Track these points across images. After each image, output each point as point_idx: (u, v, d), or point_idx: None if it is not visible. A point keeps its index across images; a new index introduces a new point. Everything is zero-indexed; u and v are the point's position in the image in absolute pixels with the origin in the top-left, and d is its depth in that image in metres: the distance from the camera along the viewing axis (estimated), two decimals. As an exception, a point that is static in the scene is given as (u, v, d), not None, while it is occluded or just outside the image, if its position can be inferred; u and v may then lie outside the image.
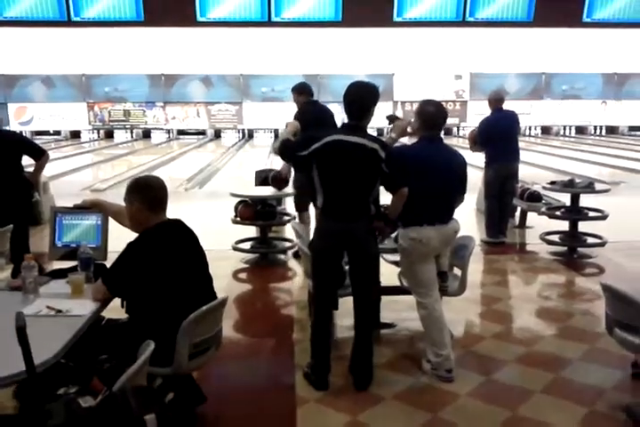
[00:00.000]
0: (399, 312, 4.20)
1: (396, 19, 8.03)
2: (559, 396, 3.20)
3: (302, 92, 5.64)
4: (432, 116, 3.27)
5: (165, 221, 2.65)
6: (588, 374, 3.45)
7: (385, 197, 3.24)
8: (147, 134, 21.26)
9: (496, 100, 6.30)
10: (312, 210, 5.63)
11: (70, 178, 12.07)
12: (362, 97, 3.09)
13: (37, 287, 2.63)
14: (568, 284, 5.39)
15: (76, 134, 21.24)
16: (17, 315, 1.69)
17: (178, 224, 2.68)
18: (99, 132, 21.36)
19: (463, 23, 8.07)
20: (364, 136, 3.07)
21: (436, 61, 18.96)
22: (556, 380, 3.39)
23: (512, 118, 6.40)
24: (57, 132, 21.35)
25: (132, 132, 21.29)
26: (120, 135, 21.19)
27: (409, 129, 3.49)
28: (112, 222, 3.14)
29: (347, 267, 3.33)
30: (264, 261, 5.81)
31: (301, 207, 5.61)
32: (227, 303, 2.77)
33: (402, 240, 3.33)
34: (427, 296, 3.37)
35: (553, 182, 6.01)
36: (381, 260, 3.63)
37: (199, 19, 8.14)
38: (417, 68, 19.36)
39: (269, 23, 8.08)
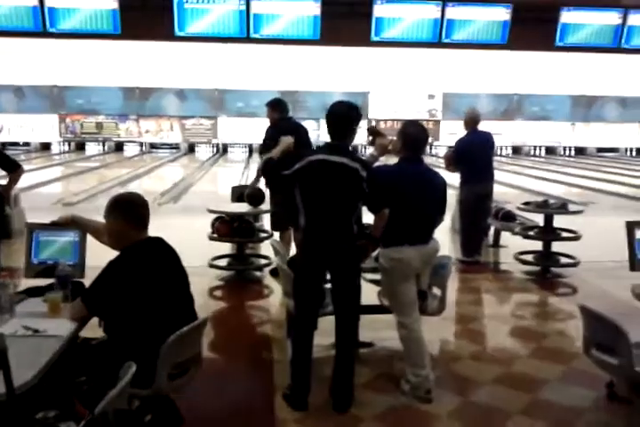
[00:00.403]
0: (377, 331, 4.18)
1: (373, 38, 8.15)
2: (538, 417, 3.22)
3: (276, 107, 5.63)
4: (415, 137, 3.30)
5: (147, 238, 2.62)
6: (566, 395, 3.48)
7: (368, 216, 3.25)
8: (119, 147, 21.02)
9: (472, 121, 6.35)
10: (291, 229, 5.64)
11: (41, 191, 11.84)
12: (344, 117, 3.11)
13: (13, 306, 2.56)
14: (542, 304, 5.45)
15: (46, 146, 20.90)
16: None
17: (159, 242, 2.64)
18: (70, 145, 21.06)
19: (439, 44, 8.22)
20: (346, 155, 3.08)
21: (410, 80, 19.21)
22: (534, 401, 3.41)
23: (487, 139, 6.47)
24: (26, 144, 20.97)
25: (104, 145, 21.04)
26: (92, 148, 20.92)
27: (390, 147, 3.51)
28: (89, 239, 3.09)
29: (326, 286, 3.32)
30: (240, 278, 5.75)
31: (278, 228, 5.59)
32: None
33: (383, 260, 3.33)
34: (407, 316, 3.37)
35: (527, 203, 6.10)
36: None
37: (177, 33, 8.16)
38: (391, 86, 19.58)
39: (248, 39, 8.14)
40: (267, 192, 5.74)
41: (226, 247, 6.18)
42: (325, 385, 3.28)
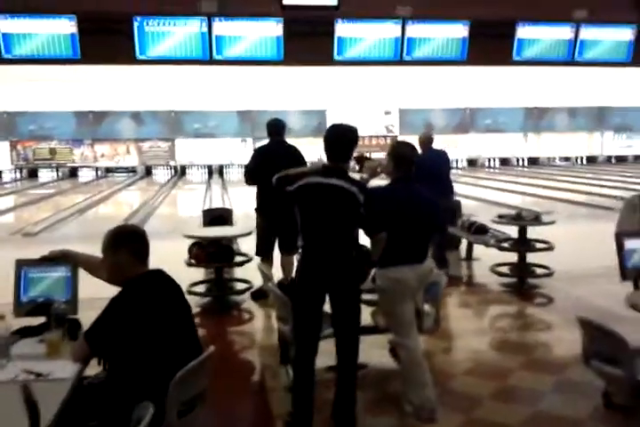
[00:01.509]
0: (367, 351, 4.15)
1: (336, 57, 8.21)
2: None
3: (268, 132, 5.59)
4: (406, 156, 3.32)
5: (148, 271, 2.53)
6: (564, 406, 3.52)
7: (364, 237, 3.23)
8: (73, 173, 20.58)
9: (427, 140, 6.51)
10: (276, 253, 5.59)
11: (-4, 220, 11.47)
12: (341, 139, 3.11)
13: (9, 349, 2.43)
14: (523, 315, 5.52)
15: (-4, 174, 20.31)
16: (22, 388, 1.54)
17: (161, 275, 2.55)
18: (22, 172, 20.49)
19: (401, 62, 8.35)
20: (344, 178, 3.07)
21: (366, 97, 19.47)
22: (535, 414, 3.43)
23: (442, 157, 6.66)
24: (-25, 173, 20.33)
25: (57, 171, 20.55)
26: (45, 174, 20.42)
27: (378, 169, 3.53)
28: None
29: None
30: (219, 303, 5.64)
31: (262, 253, 5.53)
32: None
33: (380, 281, 3.32)
34: (406, 336, 3.36)
35: (501, 216, 6.20)
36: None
37: (139, 57, 8.04)
38: (348, 103, 19.81)
39: (211, 61, 8.08)
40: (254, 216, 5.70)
41: (199, 272, 6.05)
42: (326, 409, 3.22)
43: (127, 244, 2.49)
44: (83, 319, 2.74)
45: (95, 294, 3.07)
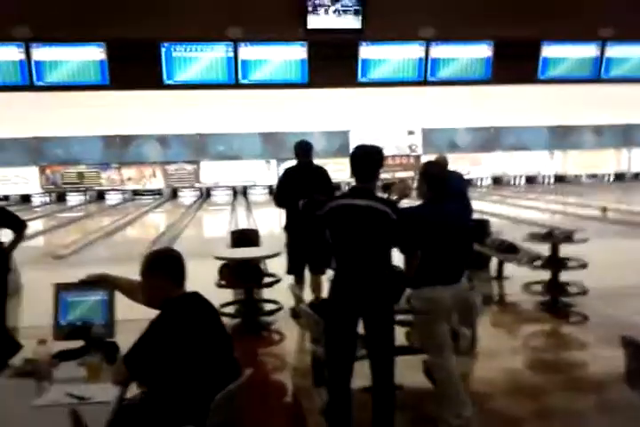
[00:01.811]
0: (401, 372, 4.10)
1: (360, 79, 8.29)
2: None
3: (296, 153, 5.64)
4: (438, 176, 3.32)
5: (185, 294, 2.54)
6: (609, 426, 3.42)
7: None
8: (101, 196, 20.88)
9: (443, 163, 6.54)
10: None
11: (26, 244, 11.63)
12: (368, 160, 3.12)
13: (51, 372, 2.45)
14: (558, 334, 5.42)
15: (25, 198, 20.67)
16: (71, 412, 1.55)
17: (197, 297, 2.56)
18: (50, 196, 20.87)
19: (425, 83, 8.38)
20: (374, 199, 3.07)
21: (389, 117, 19.54)
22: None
23: (459, 179, 6.68)
24: (5, 197, 20.70)
25: (85, 195, 20.88)
26: (73, 198, 20.76)
27: (407, 191, 3.54)
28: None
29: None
30: (249, 324, 5.62)
31: (294, 271, 5.55)
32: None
33: (415, 301, 3.29)
34: (442, 357, 3.31)
35: (532, 235, 6.13)
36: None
37: (166, 82, 8.20)
38: (371, 124, 19.88)
39: (237, 85, 8.21)
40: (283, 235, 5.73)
41: (227, 293, 6.06)
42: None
43: (163, 267, 2.51)
44: (119, 342, 2.77)
45: (128, 315, 3.12)
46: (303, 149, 5.62)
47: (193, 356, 2.38)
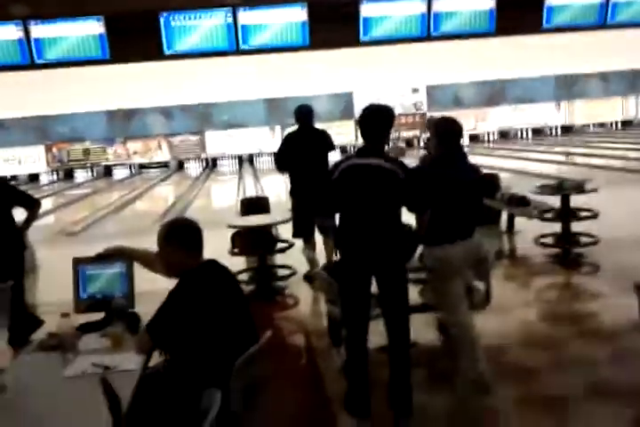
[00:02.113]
0: (415, 330, 4.15)
1: (362, 39, 8.12)
2: (607, 398, 3.20)
3: (296, 118, 5.61)
4: (449, 131, 3.27)
5: (203, 262, 2.57)
6: (623, 375, 3.46)
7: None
8: (108, 171, 20.92)
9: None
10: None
11: (37, 222, 11.71)
12: (376, 121, 3.08)
13: (76, 344, 2.51)
14: (571, 285, 5.48)
15: (33, 177, 20.76)
16: (102, 380, 1.60)
17: (215, 265, 2.59)
18: (58, 173, 20.93)
19: (428, 38, 8.22)
20: (383, 158, 3.06)
21: (392, 76, 19.26)
22: (594, 384, 3.39)
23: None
24: (14, 178, 20.78)
25: (92, 171, 20.93)
26: (80, 175, 20.82)
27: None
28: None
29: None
30: (264, 290, 5.69)
31: (301, 234, 5.57)
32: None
33: (427, 260, 3.32)
34: (457, 313, 3.35)
35: (541, 186, 6.10)
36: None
37: (166, 52, 8.08)
38: (375, 84, 19.61)
39: (238, 52, 8.08)
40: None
41: (240, 261, 6.11)
42: (379, 389, 3.21)
43: (180, 236, 2.53)
44: (139, 313, 2.82)
45: (147, 288, 3.17)
46: (303, 114, 5.61)
47: (213, 322, 2.43)
